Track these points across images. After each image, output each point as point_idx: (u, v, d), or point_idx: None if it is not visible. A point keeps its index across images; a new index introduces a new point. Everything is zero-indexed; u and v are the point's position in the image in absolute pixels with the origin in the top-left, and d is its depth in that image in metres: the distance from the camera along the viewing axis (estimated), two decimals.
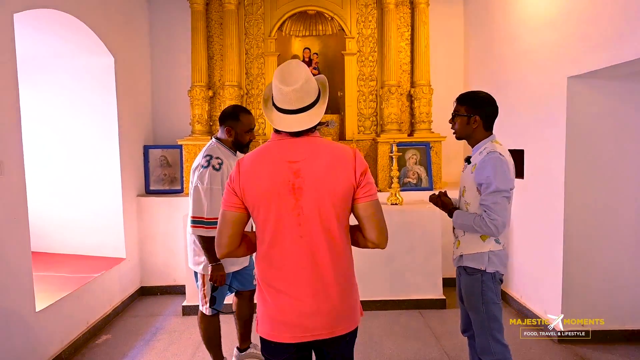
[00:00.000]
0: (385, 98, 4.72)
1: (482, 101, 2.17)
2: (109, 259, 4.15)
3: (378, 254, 3.94)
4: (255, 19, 4.79)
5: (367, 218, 1.51)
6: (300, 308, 1.51)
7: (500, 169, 2.04)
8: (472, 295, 2.18)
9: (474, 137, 2.19)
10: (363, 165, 1.51)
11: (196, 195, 2.49)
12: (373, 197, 1.50)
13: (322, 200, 1.47)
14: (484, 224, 2.03)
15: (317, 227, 1.48)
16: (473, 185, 2.13)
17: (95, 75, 4.05)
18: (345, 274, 1.56)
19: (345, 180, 1.48)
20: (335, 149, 1.53)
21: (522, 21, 3.69)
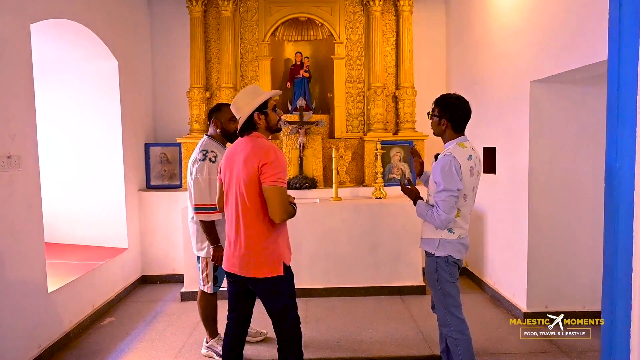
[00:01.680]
0: (372, 99, 5.03)
1: (451, 105, 2.43)
2: (113, 249, 4.46)
3: (363, 244, 4.27)
4: (250, 25, 5.10)
5: (266, 198, 2.12)
6: (227, 248, 2.30)
7: (449, 171, 2.31)
8: (428, 273, 2.51)
9: (444, 136, 2.49)
10: (267, 159, 2.09)
11: (197, 186, 2.80)
12: (269, 183, 2.09)
13: (238, 181, 2.17)
14: (432, 217, 2.36)
15: (237, 199, 2.20)
16: (432, 180, 2.45)
17: (101, 78, 4.35)
18: (252, 236, 2.18)
19: (251, 168, 2.11)
20: (254, 147, 2.15)
21: (495, 30, 4.02)
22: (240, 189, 2.18)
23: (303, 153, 4.84)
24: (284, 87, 5.39)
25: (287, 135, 4.92)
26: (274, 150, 2.12)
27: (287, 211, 2.12)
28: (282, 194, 2.10)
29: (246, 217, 2.18)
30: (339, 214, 4.29)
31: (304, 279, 4.24)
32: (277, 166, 2.09)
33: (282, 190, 2.10)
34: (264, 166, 2.08)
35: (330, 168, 4.85)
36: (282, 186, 2.10)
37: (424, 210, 2.44)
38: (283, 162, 2.14)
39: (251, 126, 2.25)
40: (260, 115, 2.25)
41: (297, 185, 4.74)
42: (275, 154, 2.11)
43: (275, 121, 2.33)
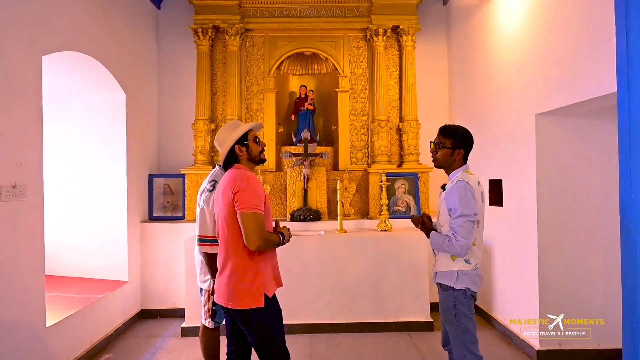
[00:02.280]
0: (376, 132, 5.06)
1: (466, 137, 2.45)
2: (113, 282, 4.36)
3: (369, 278, 4.18)
4: (256, 59, 5.20)
5: (240, 225, 2.14)
6: (217, 280, 2.29)
7: (464, 195, 2.30)
8: (446, 309, 2.42)
9: (453, 166, 2.47)
10: (239, 187, 2.14)
11: (202, 217, 2.76)
12: (241, 209, 2.12)
13: (222, 212, 2.23)
14: (450, 245, 2.30)
15: (222, 228, 2.24)
16: (445, 210, 2.40)
17: (108, 109, 4.39)
18: (233, 266, 2.19)
19: (227, 198, 2.18)
20: (231, 178, 2.22)
21: (497, 64, 4.08)
22: (223, 220, 2.23)
23: (307, 185, 4.82)
24: (289, 119, 5.44)
25: (291, 167, 4.92)
26: (246, 179, 2.15)
27: (261, 238, 2.11)
28: (255, 221, 2.10)
29: (228, 247, 2.21)
30: (344, 247, 4.22)
31: (308, 314, 4.13)
32: (249, 193, 2.11)
33: (255, 217, 2.11)
34: (237, 194, 2.13)
35: (334, 200, 4.82)
36: (255, 212, 2.11)
37: (439, 239, 2.38)
38: (256, 189, 2.15)
39: (233, 159, 2.32)
40: (241, 147, 2.32)
41: (302, 217, 4.69)
42: (247, 182, 2.14)
43: (257, 152, 2.38)
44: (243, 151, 2.31)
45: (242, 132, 2.32)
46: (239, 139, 2.30)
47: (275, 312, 2.29)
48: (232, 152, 2.31)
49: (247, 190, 2.12)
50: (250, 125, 2.38)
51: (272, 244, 2.21)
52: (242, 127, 2.35)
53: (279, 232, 2.30)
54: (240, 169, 2.29)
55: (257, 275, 2.20)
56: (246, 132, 2.33)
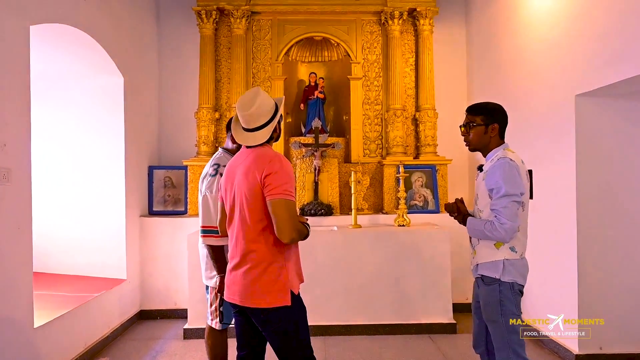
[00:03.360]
0: (391, 121, 4.75)
1: (497, 110, 2.20)
2: (110, 280, 4.05)
3: (387, 276, 3.87)
4: (263, 44, 4.89)
5: (271, 214, 1.84)
6: (228, 274, 2.01)
7: (509, 172, 2.02)
8: (489, 305, 2.11)
9: (490, 146, 2.18)
10: (271, 168, 1.84)
11: (205, 205, 2.45)
12: (274, 196, 1.82)
13: (240, 197, 1.93)
14: (493, 229, 2.00)
15: (239, 215, 1.94)
16: (485, 192, 2.11)
17: (105, 95, 4.09)
18: (255, 259, 1.90)
19: (253, 181, 1.87)
20: (257, 157, 1.92)
21: (528, 44, 3.77)
22: (242, 205, 1.93)
23: (318, 177, 4.51)
24: (297, 109, 5.13)
25: (301, 158, 4.61)
26: (278, 159, 1.90)
27: (296, 229, 1.85)
28: (290, 209, 1.84)
29: (249, 237, 1.92)
30: (359, 243, 3.91)
31: (321, 315, 3.81)
32: (283, 176, 1.85)
33: (290, 204, 1.84)
34: (268, 177, 1.84)
35: (347, 194, 4.51)
36: (289, 199, 1.85)
37: (479, 224, 2.09)
38: (290, 172, 1.90)
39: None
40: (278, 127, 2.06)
41: (312, 211, 4.38)
42: (281, 163, 1.88)
43: (280, 132, 2.13)
44: (277, 129, 2.04)
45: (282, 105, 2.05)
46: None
47: (301, 311, 2.00)
48: None
49: (282, 172, 1.85)
50: (282, 102, 2.09)
51: (302, 235, 1.94)
52: (279, 100, 2.06)
53: (304, 223, 2.01)
54: (266, 147, 1.98)
55: (284, 269, 1.92)
56: None
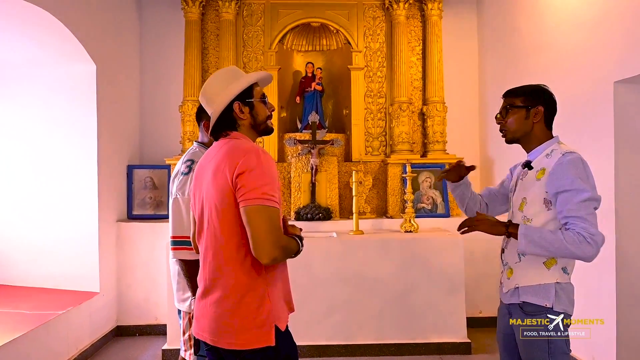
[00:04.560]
0: (396, 116, 4.31)
1: (542, 91, 1.75)
2: (81, 293, 3.59)
3: (392, 289, 3.42)
4: (255, 30, 4.44)
5: (245, 225, 1.41)
6: (198, 304, 1.57)
7: (586, 172, 1.59)
8: (535, 343, 1.65)
9: (534, 135, 1.74)
10: (245, 165, 1.40)
11: (176, 210, 2.01)
12: (249, 202, 1.38)
13: (209, 202, 1.50)
14: (581, 241, 1.52)
15: (207, 228, 1.52)
16: (540, 195, 1.66)
17: (73, 85, 3.64)
18: (228, 285, 1.47)
19: (222, 182, 1.44)
20: (230, 151, 1.48)
21: (552, 27, 3.32)
22: (211, 215, 1.49)
23: (316, 177, 4.06)
24: (293, 102, 4.68)
25: (296, 156, 4.16)
26: (255, 153, 1.44)
27: (280, 245, 1.41)
28: (271, 218, 1.39)
29: (219, 256, 1.49)
30: (361, 252, 3.46)
31: (318, 334, 3.36)
32: (262, 176, 1.40)
33: (270, 212, 1.39)
34: (241, 176, 1.40)
35: (347, 196, 4.06)
36: (270, 206, 1.39)
37: (549, 236, 1.57)
38: (271, 170, 1.44)
39: (230, 124, 1.57)
40: (244, 107, 1.56)
41: (309, 215, 3.93)
42: (258, 159, 1.42)
43: (265, 116, 1.62)
44: (246, 112, 1.57)
45: (246, 85, 1.56)
46: (240, 94, 1.55)
47: (290, 351, 1.55)
48: (228, 113, 1.55)
49: (258, 171, 1.40)
50: (257, 75, 1.62)
51: (290, 253, 1.50)
52: (246, 78, 1.58)
53: (293, 236, 1.56)
54: (243, 138, 1.55)
55: (265, 298, 1.47)
56: (251, 85, 1.58)
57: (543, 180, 1.65)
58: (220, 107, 1.56)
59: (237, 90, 1.55)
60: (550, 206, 1.64)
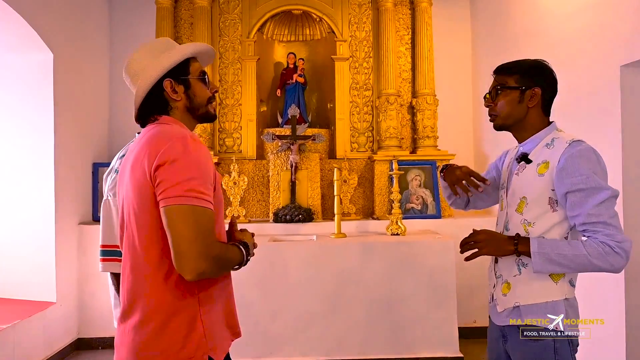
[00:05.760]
0: (383, 110, 4.00)
1: (540, 69, 1.44)
2: (34, 303, 3.27)
3: (378, 299, 3.11)
4: (232, 18, 4.13)
5: (166, 227, 1.11)
6: (118, 329, 1.26)
7: (599, 163, 1.31)
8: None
9: (528, 122, 1.44)
10: (166, 156, 1.11)
11: (106, 213, 1.70)
12: (168, 201, 1.10)
13: (128, 202, 1.21)
14: (608, 253, 1.23)
15: (127, 236, 1.23)
16: (544, 194, 1.36)
17: (27, 75, 3.31)
18: (148, 307, 1.16)
19: (140, 176, 1.16)
20: (151, 138, 1.18)
21: (552, 10, 3.02)
22: (129, 218, 1.21)
23: (296, 176, 3.75)
24: (274, 96, 4.37)
25: (275, 153, 3.85)
26: (182, 140, 1.15)
27: (210, 255, 1.11)
28: (196, 221, 1.10)
29: (137, 271, 1.19)
30: (343, 257, 3.15)
31: (294, 348, 3.05)
32: (187, 168, 1.12)
33: (196, 214, 1.10)
34: (161, 169, 1.11)
35: (330, 196, 3.75)
36: (196, 205, 1.10)
37: (568, 250, 1.28)
38: (201, 160, 1.15)
39: (159, 106, 1.28)
40: (177, 86, 1.27)
41: (289, 217, 3.62)
42: (185, 147, 1.13)
43: (205, 97, 1.33)
44: (180, 92, 1.28)
45: (180, 58, 1.27)
46: (172, 69, 1.26)
47: None
48: (157, 92, 1.26)
49: (183, 162, 1.12)
50: (194, 47, 1.33)
51: (227, 265, 1.20)
52: (180, 49, 1.29)
53: (238, 242, 1.27)
54: (173, 124, 1.25)
55: (197, 324, 1.18)
56: (187, 59, 1.30)
57: (547, 175, 1.34)
58: (146, 85, 1.26)
59: (168, 64, 1.26)
60: (556, 207, 1.34)
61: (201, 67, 1.34)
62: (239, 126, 4.09)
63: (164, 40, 1.34)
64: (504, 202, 1.53)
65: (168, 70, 1.25)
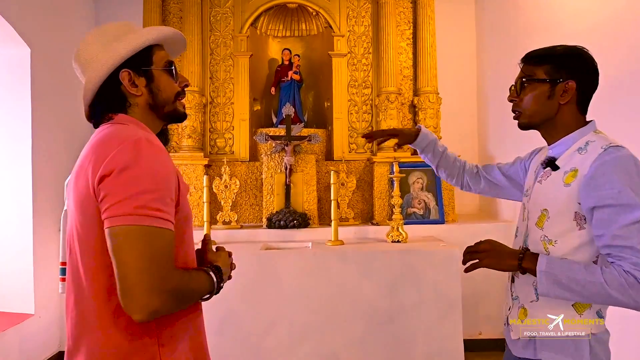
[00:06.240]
0: (383, 108, 3.79)
1: (579, 57, 1.21)
2: (10, 315, 3.06)
3: (377, 312, 2.90)
4: (224, 12, 3.92)
5: (111, 253, 0.89)
6: None
7: (637, 175, 1.07)
8: None
9: (559, 122, 1.23)
10: (114, 163, 0.90)
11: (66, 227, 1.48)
12: (113, 220, 0.88)
13: (71, 218, 1.01)
14: (631, 284, 1.01)
15: (70, 261, 1.02)
16: (569, 208, 1.15)
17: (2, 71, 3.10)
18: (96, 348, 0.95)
19: (83, 189, 0.95)
20: (99, 143, 0.97)
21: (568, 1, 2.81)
22: (72, 239, 1.01)
23: (290, 179, 3.53)
24: (268, 94, 4.16)
25: (268, 154, 3.64)
26: (134, 145, 0.93)
27: (161, 289, 0.88)
28: (149, 245, 0.88)
29: (82, 304, 0.98)
30: (340, 266, 2.94)
31: None
32: (139, 178, 0.90)
33: (150, 237, 0.89)
34: (106, 180, 0.90)
35: (328, 199, 3.53)
36: (149, 225, 0.89)
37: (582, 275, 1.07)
38: (157, 169, 0.93)
39: (115, 102, 1.07)
40: (137, 78, 1.06)
41: (283, 222, 3.40)
42: (137, 153, 0.92)
43: (171, 93, 1.11)
44: (140, 86, 1.06)
45: (139, 45, 1.06)
46: (131, 58, 1.05)
47: None
48: (113, 86, 1.05)
49: (135, 171, 0.90)
50: (157, 32, 1.10)
51: (189, 298, 0.99)
52: (140, 35, 1.07)
53: (209, 266, 1.06)
54: (129, 124, 1.04)
55: None
56: (150, 47, 1.08)
57: (574, 186, 1.13)
58: (97, 76, 1.04)
59: (125, 52, 1.04)
60: (583, 224, 1.12)
61: (168, 56, 1.13)
62: (231, 126, 3.88)
63: (123, 24, 1.12)
64: (524, 212, 1.32)
65: (126, 59, 1.04)
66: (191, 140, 3.67)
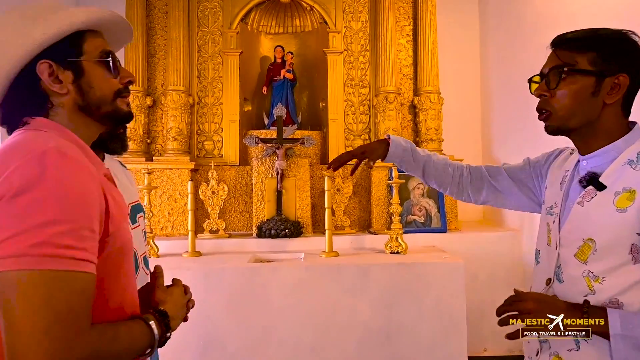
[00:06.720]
0: (381, 109, 3.56)
1: (635, 48, 0.96)
2: None
3: (375, 330, 2.68)
4: (212, 6, 3.70)
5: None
6: None
7: None
8: None
9: (601, 126, 0.98)
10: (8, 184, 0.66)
11: None
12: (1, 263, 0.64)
13: None
14: None
15: None
16: (625, 238, 0.91)
17: None
18: None
19: None
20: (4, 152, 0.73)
21: None
22: None
23: (282, 184, 3.31)
24: (260, 94, 3.94)
25: (259, 158, 3.41)
26: (37, 159, 0.69)
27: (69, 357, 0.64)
28: (50, 297, 0.64)
29: None
30: (334, 280, 2.71)
31: None
32: (40, 204, 0.66)
33: (51, 284, 0.65)
34: None
35: (322, 206, 3.30)
36: (53, 269, 0.65)
37: None
38: (69, 189, 0.69)
39: (32, 102, 0.83)
40: (61, 72, 0.83)
41: (274, 231, 3.18)
42: (41, 169, 0.68)
43: (109, 90, 0.87)
44: (65, 82, 0.83)
45: (62, 30, 0.82)
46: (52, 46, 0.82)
47: None
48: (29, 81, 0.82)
49: (34, 195, 0.66)
50: (88, 14, 0.85)
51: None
52: (64, 17, 0.83)
53: (151, 311, 0.84)
54: (43, 129, 0.80)
55: None
56: (80, 33, 0.85)
57: (632, 211, 0.89)
58: (5, 68, 0.80)
59: (42, 38, 0.80)
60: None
61: (105, 45, 0.89)
62: (219, 128, 3.65)
63: (51, 2, 0.88)
64: (552, 235, 1.08)
65: (45, 48, 0.81)
66: (177, 143, 3.44)
